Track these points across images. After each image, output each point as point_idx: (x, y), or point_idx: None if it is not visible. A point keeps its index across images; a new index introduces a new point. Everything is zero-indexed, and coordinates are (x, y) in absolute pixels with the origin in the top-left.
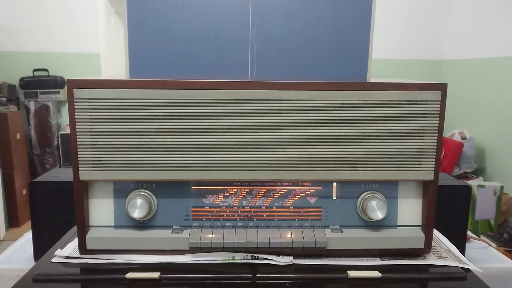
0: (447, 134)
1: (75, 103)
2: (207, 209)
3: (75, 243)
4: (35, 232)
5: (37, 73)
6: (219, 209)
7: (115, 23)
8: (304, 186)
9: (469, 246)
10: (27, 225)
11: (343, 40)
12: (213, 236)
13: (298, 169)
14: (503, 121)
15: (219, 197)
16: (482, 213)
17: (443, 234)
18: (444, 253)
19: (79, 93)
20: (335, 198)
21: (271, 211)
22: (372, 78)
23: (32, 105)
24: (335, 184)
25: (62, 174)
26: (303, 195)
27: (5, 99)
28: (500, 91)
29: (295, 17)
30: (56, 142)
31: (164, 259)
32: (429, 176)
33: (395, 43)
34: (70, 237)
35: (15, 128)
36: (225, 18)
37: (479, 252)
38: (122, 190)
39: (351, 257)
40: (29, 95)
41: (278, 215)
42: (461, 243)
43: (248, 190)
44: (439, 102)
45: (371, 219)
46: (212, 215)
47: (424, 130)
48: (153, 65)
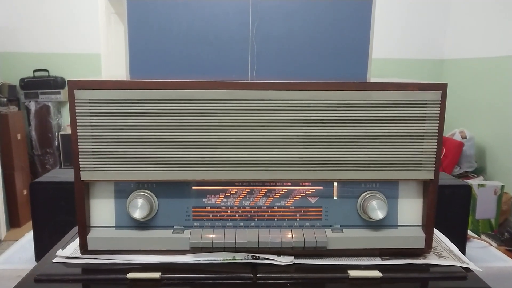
0: (447, 133)
1: (76, 104)
2: (208, 209)
3: (76, 243)
4: (36, 232)
5: (38, 74)
6: (219, 209)
7: (115, 23)
8: (304, 186)
9: (469, 245)
10: (27, 225)
11: (343, 40)
12: (214, 236)
13: (298, 169)
14: (504, 121)
15: (219, 197)
16: (482, 212)
17: (443, 233)
18: (444, 252)
19: (80, 94)
20: (335, 198)
21: (271, 211)
22: (372, 78)
23: (32, 106)
24: (335, 184)
25: (63, 174)
26: (304, 195)
27: (5, 99)
28: (500, 91)
29: (295, 17)
30: (56, 142)
31: (165, 259)
32: (430, 175)
33: (395, 43)
34: (71, 237)
35: (16, 128)
36: (225, 18)
37: (480, 251)
38: (123, 190)
39: (351, 257)
40: (30, 95)
41: (278, 215)
42: (461, 243)
43: (248, 190)
44: (439, 102)
45: (371, 218)
46: (213, 215)
47: (424, 130)
48: (153, 65)
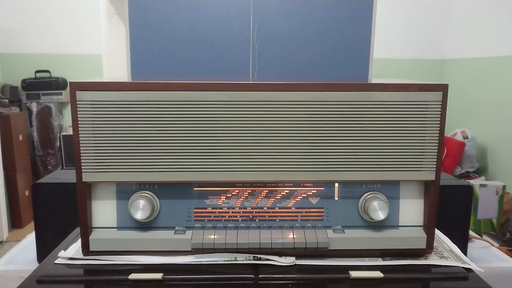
0: (449, 133)
1: (78, 106)
2: (209, 210)
3: (78, 244)
4: (38, 233)
5: (39, 75)
6: (221, 210)
7: (117, 24)
8: (305, 186)
9: (471, 245)
10: (29, 226)
11: (344, 40)
12: (216, 237)
13: (299, 170)
14: (505, 120)
15: (221, 198)
16: (484, 212)
17: (445, 234)
18: (446, 253)
19: (81, 95)
20: (336, 198)
21: (273, 212)
22: (373, 78)
23: (34, 107)
24: (336, 184)
25: (64, 175)
26: (305, 195)
27: (7, 100)
28: (502, 90)
29: (296, 18)
30: (58, 143)
31: (166, 260)
32: (431, 176)
33: (396, 43)
34: (73, 238)
35: (18, 129)
36: (226, 19)
37: (481, 251)
38: (124, 191)
39: (353, 258)
40: (31, 96)
41: (280, 216)
42: (463, 243)
43: (250, 191)
44: (440, 102)
45: (373, 219)
46: (214, 216)
47: (425, 130)
48: (155, 66)
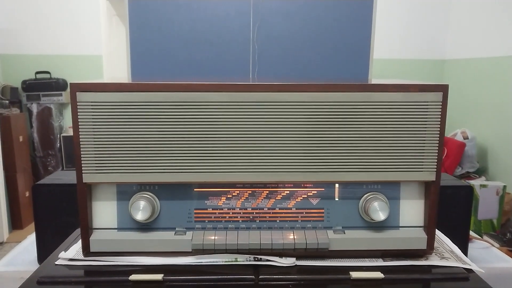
0: (449, 133)
1: (78, 107)
2: (210, 211)
3: (78, 245)
4: (38, 234)
5: (40, 76)
6: (221, 211)
7: (117, 25)
8: (306, 187)
9: (471, 246)
10: (30, 227)
11: (344, 40)
12: (216, 237)
13: (300, 171)
14: (505, 120)
15: (221, 199)
16: (484, 213)
17: (445, 234)
18: (446, 253)
19: (82, 96)
20: (337, 199)
21: (273, 213)
22: (373, 78)
23: (34, 108)
24: (337, 185)
25: (65, 176)
26: (305, 196)
27: (7, 101)
28: (502, 90)
29: (296, 18)
30: (58, 144)
31: (167, 261)
32: (431, 177)
33: (396, 43)
34: (73, 239)
35: (18, 130)
36: (226, 19)
37: (482, 252)
38: (125, 192)
39: (353, 258)
40: (32, 97)
41: (280, 217)
42: (463, 243)
43: (250, 191)
44: (441, 103)
45: (373, 220)
46: (214, 217)
47: (425, 131)
48: (155, 66)
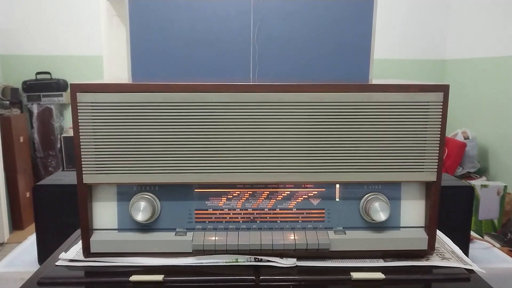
0: (449, 134)
1: (79, 107)
2: (210, 211)
3: (79, 246)
4: (39, 235)
5: (40, 76)
6: (222, 212)
7: (117, 25)
8: (306, 188)
9: (472, 246)
10: (30, 227)
11: (345, 40)
12: (217, 238)
13: (300, 171)
14: (506, 121)
15: (222, 200)
16: (485, 213)
17: (446, 234)
18: (447, 254)
19: (82, 97)
20: (337, 199)
21: (274, 213)
22: (374, 78)
23: (35, 108)
24: (337, 185)
25: (65, 177)
26: (306, 197)
27: (8, 102)
28: (503, 91)
29: (296, 18)
30: (59, 144)
31: (167, 262)
32: (432, 177)
33: (397, 43)
34: (74, 240)
35: (18, 131)
36: (226, 19)
37: (483, 252)
38: (125, 193)
39: (354, 259)
40: (32, 98)
41: (281, 217)
42: (464, 244)
43: (251, 192)
44: (441, 103)
45: (374, 220)
46: (215, 218)
47: (426, 131)
48: (155, 67)
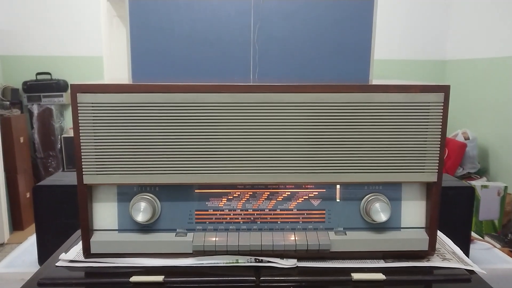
0: (450, 134)
1: (79, 108)
2: (211, 212)
3: (79, 246)
4: (39, 235)
5: (40, 77)
6: (222, 212)
7: (117, 26)
8: (307, 188)
9: (473, 247)
10: (30, 228)
11: (345, 41)
12: (217, 239)
13: (301, 172)
14: (506, 121)
15: (222, 200)
16: (486, 213)
17: (447, 235)
18: (448, 254)
19: (82, 97)
20: (338, 200)
21: (274, 214)
22: (374, 79)
23: (35, 109)
24: (338, 186)
25: (65, 177)
26: (306, 197)
27: (8, 102)
28: (503, 91)
29: (296, 19)
30: (59, 145)
31: (168, 263)
32: (433, 178)
33: (397, 44)
34: (74, 240)
35: (19, 131)
36: (227, 20)
37: (484, 253)
38: (125, 193)
39: (355, 260)
40: (32, 98)
41: (281, 218)
42: (465, 244)
43: (251, 193)
44: (442, 103)
45: (374, 221)
46: (215, 218)
47: (427, 132)
48: (156, 67)
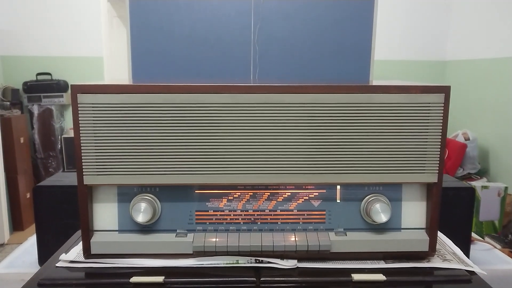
0: (450, 135)
1: (79, 108)
2: (211, 212)
3: (79, 247)
4: (39, 236)
5: (40, 77)
6: (222, 213)
7: (118, 26)
8: (307, 189)
9: (473, 248)
10: (31, 228)
11: (345, 41)
12: (217, 239)
13: (301, 172)
14: (507, 122)
15: (222, 201)
16: (486, 214)
17: (447, 236)
18: (448, 255)
19: (83, 98)
20: (338, 201)
21: (274, 215)
22: (374, 79)
23: (35, 109)
24: (338, 187)
25: (66, 178)
26: (307, 198)
27: (8, 103)
28: (503, 91)
29: (297, 19)
30: (59, 145)
31: (168, 263)
32: (433, 178)
33: (397, 44)
34: (74, 241)
35: (19, 132)
36: (227, 20)
37: (484, 253)
38: (126, 194)
39: (355, 260)
40: (33, 99)
41: (281, 219)
42: (465, 245)
43: (251, 193)
44: (442, 104)
45: (375, 222)
46: (216, 219)
47: (427, 132)
48: (156, 68)
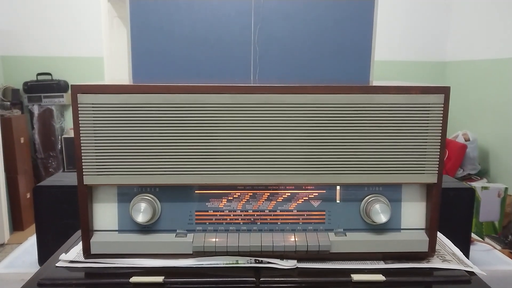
0: (450, 135)
1: (79, 108)
2: (211, 213)
3: (79, 247)
4: (39, 236)
5: (41, 77)
6: (222, 213)
7: (118, 27)
8: (307, 189)
9: (473, 248)
10: (31, 228)
11: (346, 42)
12: (217, 240)
13: (301, 173)
14: (507, 122)
15: (222, 201)
16: (486, 215)
17: (447, 236)
18: (448, 256)
19: (83, 98)
20: (338, 201)
21: (274, 215)
22: (375, 80)
23: (35, 109)
24: (338, 187)
25: (66, 178)
26: (307, 198)
27: (9, 103)
28: (503, 92)
29: (297, 20)
30: (59, 145)
31: (168, 263)
32: (433, 179)
33: (397, 45)
34: (74, 241)
35: (19, 132)
36: (227, 21)
37: (484, 254)
38: (126, 194)
39: (354, 261)
40: (33, 99)
41: (281, 219)
42: (465, 246)
43: (251, 194)
44: (442, 105)
45: (374, 222)
46: (215, 219)
47: (427, 133)
48: (156, 68)
